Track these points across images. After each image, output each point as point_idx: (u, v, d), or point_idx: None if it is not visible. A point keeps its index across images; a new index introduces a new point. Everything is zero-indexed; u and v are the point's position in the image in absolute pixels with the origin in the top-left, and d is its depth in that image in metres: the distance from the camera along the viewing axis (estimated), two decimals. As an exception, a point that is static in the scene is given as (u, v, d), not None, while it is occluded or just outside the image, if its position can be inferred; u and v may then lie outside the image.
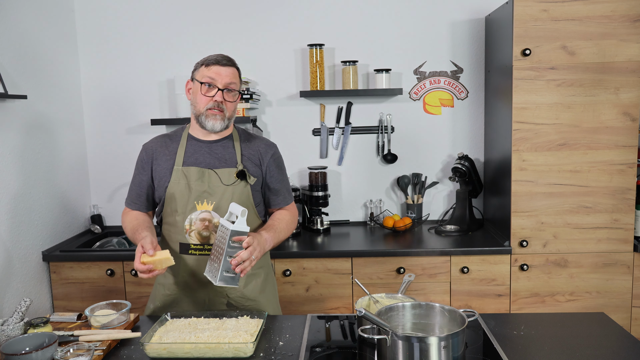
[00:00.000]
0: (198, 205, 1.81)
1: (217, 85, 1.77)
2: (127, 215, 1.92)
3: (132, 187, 1.93)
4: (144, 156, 1.91)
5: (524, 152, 2.56)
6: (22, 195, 2.57)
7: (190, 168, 1.82)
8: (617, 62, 2.48)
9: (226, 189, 1.81)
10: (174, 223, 1.84)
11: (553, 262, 2.61)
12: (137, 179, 1.91)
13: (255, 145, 1.91)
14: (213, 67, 1.77)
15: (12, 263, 2.47)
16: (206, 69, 1.78)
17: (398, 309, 1.53)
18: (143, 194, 1.91)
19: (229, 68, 1.79)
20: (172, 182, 1.82)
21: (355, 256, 2.63)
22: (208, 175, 1.81)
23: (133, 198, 1.92)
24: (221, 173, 1.82)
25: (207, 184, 1.81)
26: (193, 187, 1.81)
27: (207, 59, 1.80)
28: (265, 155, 1.89)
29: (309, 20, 3.05)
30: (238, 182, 1.82)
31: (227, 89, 1.79)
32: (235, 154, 1.86)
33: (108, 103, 3.15)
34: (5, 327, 1.59)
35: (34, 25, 2.70)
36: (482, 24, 3.01)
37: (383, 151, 3.13)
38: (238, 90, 1.83)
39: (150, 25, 3.08)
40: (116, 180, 3.20)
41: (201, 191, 1.81)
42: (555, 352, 1.52)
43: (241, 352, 1.51)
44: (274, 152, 1.93)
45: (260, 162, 1.89)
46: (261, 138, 1.96)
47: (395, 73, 3.07)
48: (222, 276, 1.65)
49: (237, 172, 1.82)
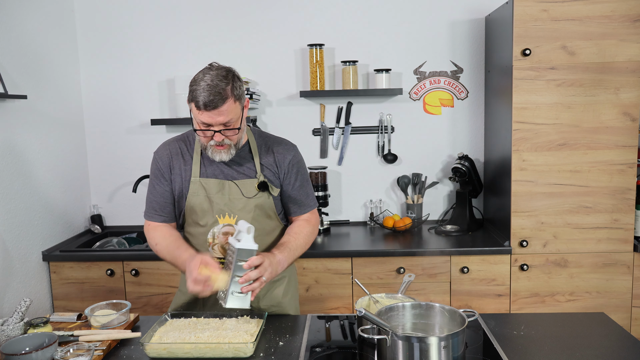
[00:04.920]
0: (220, 218, 1.73)
1: (213, 129, 1.63)
2: (155, 232, 1.79)
3: (153, 198, 1.80)
4: (160, 165, 1.78)
5: (524, 152, 2.56)
6: (22, 195, 2.57)
7: (209, 180, 1.74)
8: (617, 62, 2.48)
9: (248, 201, 1.73)
10: (196, 235, 1.79)
11: (553, 262, 2.61)
12: (157, 189, 1.79)
13: (273, 151, 1.79)
14: (204, 112, 1.59)
15: (12, 263, 2.47)
16: (198, 113, 1.60)
17: (398, 309, 1.53)
18: (168, 204, 1.79)
19: (218, 110, 1.58)
20: (191, 194, 1.74)
21: (355, 256, 2.62)
22: (228, 187, 1.73)
23: (157, 210, 1.79)
24: (242, 185, 1.74)
25: (228, 196, 1.73)
26: (213, 199, 1.73)
27: (194, 96, 1.59)
28: (282, 162, 1.78)
29: (309, 20, 3.05)
30: (260, 195, 1.75)
31: (224, 127, 1.63)
32: (254, 164, 1.77)
33: (108, 103, 3.15)
34: (5, 327, 1.59)
35: (34, 25, 2.70)
36: (482, 24, 3.01)
37: (383, 151, 3.13)
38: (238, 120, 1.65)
39: (150, 25, 3.08)
40: (116, 180, 3.20)
41: (222, 204, 1.73)
42: (555, 352, 1.52)
43: (241, 352, 1.51)
44: (292, 156, 1.80)
45: (277, 170, 1.79)
46: (280, 141, 1.84)
47: (395, 73, 3.07)
48: (230, 297, 1.57)
49: (259, 184, 1.74)
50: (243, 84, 1.70)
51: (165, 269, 2.66)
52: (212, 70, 1.62)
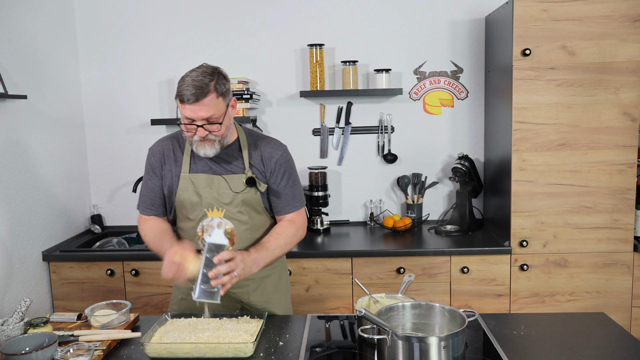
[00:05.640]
0: (209, 212, 1.77)
1: (195, 124, 1.67)
2: (145, 223, 1.86)
3: (145, 192, 1.87)
4: (152, 161, 1.85)
5: (524, 152, 2.56)
6: (22, 195, 2.57)
7: (198, 175, 1.79)
8: (617, 62, 2.48)
9: (236, 196, 1.78)
10: (186, 229, 1.84)
11: (553, 262, 2.61)
12: (149, 184, 1.86)
13: (261, 149, 1.84)
14: (186, 105, 1.64)
15: (12, 263, 2.47)
16: (182, 107, 1.66)
17: (398, 309, 1.53)
18: (158, 199, 1.86)
19: (199, 104, 1.63)
20: (180, 189, 1.80)
21: (355, 256, 2.63)
22: (217, 182, 1.78)
23: (147, 204, 1.87)
24: (230, 180, 1.78)
25: (217, 190, 1.78)
26: (202, 194, 1.78)
27: (179, 91, 1.66)
28: (269, 161, 1.83)
29: (309, 20, 3.05)
30: (247, 190, 1.79)
31: (207, 122, 1.67)
32: (242, 161, 1.82)
33: (108, 103, 3.15)
34: (5, 327, 1.59)
35: (34, 25, 2.70)
36: (482, 24, 3.01)
37: (383, 151, 3.13)
38: (224, 113, 1.69)
39: (150, 25, 3.08)
40: (116, 180, 3.20)
41: (210, 198, 1.78)
42: (555, 352, 1.52)
43: (241, 352, 1.51)
44: (280, 156, 1.84)
45: (264, 168, 1.83)
46: (269, 140, 1.88)
47: (395, 73, 3.07)
48: (200, 290, 1.58)
49: (247, 179, 1.78)
50: (229, 82, 1.75)
51: (165, 269, 2.66)
52: (199, 69, 1.70)
